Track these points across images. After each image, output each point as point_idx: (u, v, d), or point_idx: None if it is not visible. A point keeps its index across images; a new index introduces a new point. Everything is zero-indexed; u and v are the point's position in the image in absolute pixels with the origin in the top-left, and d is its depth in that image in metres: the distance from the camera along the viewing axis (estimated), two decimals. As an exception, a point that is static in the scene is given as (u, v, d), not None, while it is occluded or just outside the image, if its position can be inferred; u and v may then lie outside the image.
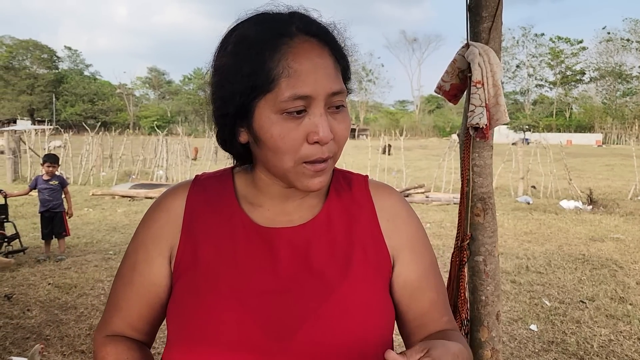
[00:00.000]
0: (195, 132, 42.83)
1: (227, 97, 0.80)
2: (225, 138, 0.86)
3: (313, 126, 0.77)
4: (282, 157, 0.79)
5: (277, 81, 0.75)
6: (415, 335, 0.92)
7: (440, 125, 79.54)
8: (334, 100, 0.79)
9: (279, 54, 0.76)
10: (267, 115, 0.77)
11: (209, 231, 0.87)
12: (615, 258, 6.47)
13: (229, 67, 0.79)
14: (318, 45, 0.79)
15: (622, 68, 77.33)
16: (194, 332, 0.80)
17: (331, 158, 0.81)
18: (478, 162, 1.94)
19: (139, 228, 0.93)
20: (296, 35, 0.78)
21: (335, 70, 0.80)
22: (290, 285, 0.82)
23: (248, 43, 0.78)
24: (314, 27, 0.80)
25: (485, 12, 1.86)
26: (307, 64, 0.76)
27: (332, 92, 0.78)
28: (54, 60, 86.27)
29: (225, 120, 0.83)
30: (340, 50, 0.83)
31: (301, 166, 0.79)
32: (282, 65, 0.75)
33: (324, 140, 0.77)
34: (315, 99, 0.77)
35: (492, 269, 1.97)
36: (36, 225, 8.25)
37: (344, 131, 0.81)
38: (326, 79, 0.77)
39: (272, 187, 0.87)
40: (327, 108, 0.79)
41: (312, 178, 0.81)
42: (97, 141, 17.75)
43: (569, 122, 75.27)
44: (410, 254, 0.91)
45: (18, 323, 4.12)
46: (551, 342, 3.88)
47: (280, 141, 0.77)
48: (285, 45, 0.77)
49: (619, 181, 16.52)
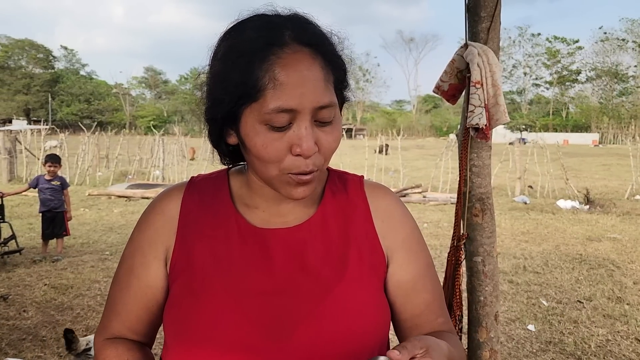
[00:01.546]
0: (192, 132, 42.79)
1: (217, 102, 0.80)
2: (214, 138, 0.87)
3: (297, 139, 0.76)
4: (266, 165, 0.79)
5: (263, 92, 0.75)
6: (409, 335, 0.92)
7: (437, 125, 79.63)
8: (322, 115, 0.77)
9: (267, 64, 0.75)
10: (252, 124, 0.77)
11: (204, 233, 0.87)
12: (613, 258, 6.49)
13: (219, 73, 0.79)
14: (310, 55, 0.77)
15: (618, 68, 77.59)
16: (191, 334, 0.80)
17: (318, 170, 0.81)
18: (477, 162, 1.93)
19: (135, 231, 0.93)
20: (287, 45, 0.76)
21: (325, 82, 0.78)
22: (286, 286, 0.82)
23: (238, 51, 0.77)
24: (307, 35, 0.78)
25: (483, 12, 1.85)
26: (295, 77, 0.75)
27: (319, 105, 0.76)
28: (50, 59, 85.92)
29: (215, 122, 0.83)
30: (335, 60, 0.81)
31: (286, 176, 0.79)
32: (269, 76, 0.74)
33: (306, 154, 0.76)
34: (301, 113, 0.75)
35: (491, 270, 1.96)
36: (32, 225, 8.23)
37: (331, 143, 0.80)
38: (313, 92, 0.76)
39: (266, 189, 0.87)
40: (313, 121, 0.77)
41: (296, 187, 0.80)
42: (94, 141, 17.72)
43: (565, 122, 75.50)
44: (405, 255, 0.91)
45: (14, 324, 4.09)
46: (549, 342, 3.88)
47: (263, 151, 0.77)
48: (274, 56, 0.75)
49: (615, 181, 16.57)
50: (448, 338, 0.88)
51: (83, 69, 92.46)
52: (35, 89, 79.15)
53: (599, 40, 78.76)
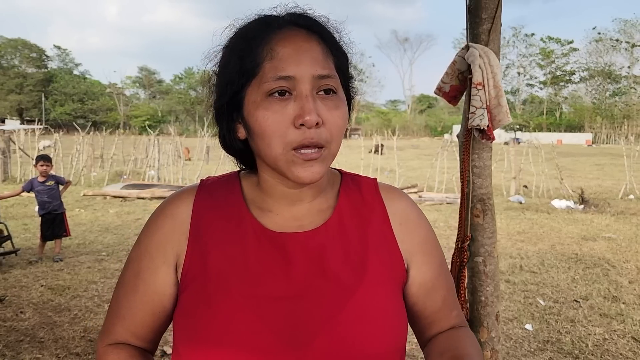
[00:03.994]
0: (187, 132, 42.66)
1: (222, 90, 0.82)
2: (225, 136, 0.87)
3: (298, 108, 0.76)
4: (270, 142, 0.77)
5: (261, 65, 0.77)
6: (428, 331, 0.95)
7: (432, 124, 79.73)
8: (323, 84, 0.78)
9: (265, 41, 0.78)
10: (253, 101, 0.78)
11: (217, 237, 0.85)
12: (608, 257, 6.52)
13: (223, 61, 0.83)
14: (306, 33, 0.80)
15: (611, 68, 77.97)
16: (206, 340, 0.78)
17: (325, 148, 0.78)
18: (477, 163, 1.95)
19: (142, 234, 0.90)
20: (285, 26, 0.80)
21: (323, 55, 0.79)
22: (306, 291, 0.80)
23: (240, 36, 0.82)
24: (302, 19, 0.82)
25: (484, 13, 1.86)
26: (292, 47, 0.78)
27: (318, 74, 0.77)
28: (43, 59, 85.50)
29: (222, 115, 0.84)
30: (332, 41, 0.83)
31: (290, 153, 0.77)
32: (267, 50, 0.77)
33: (309, 123, 0.75)
34: (299, 81, 0.76)
35: (492, 270, 1.98)
36: (27, 226, 8.19)
37: (337, 119, 0.79)
38: (311, 62, 0.77)
39: (278, 189, 0.86)
40: (314, 92, 0.78)
41: (303, 167, 0.78)
42: (88, 141, 17.62)
43: (559, 122, 75.82)
44: (422, 257, 0.91)
45: (11, 325, 4.07)
46: (546, 341, 3.90)
47: (264, 124, 0.77)
48: (272, 34, 0.79)
49: (609, 180, 16.66)
50: (466, 337, 0.90)
51: (76, 69, 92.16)
52: (28, 89, 78.72)
53: (592, 41, 79.19)
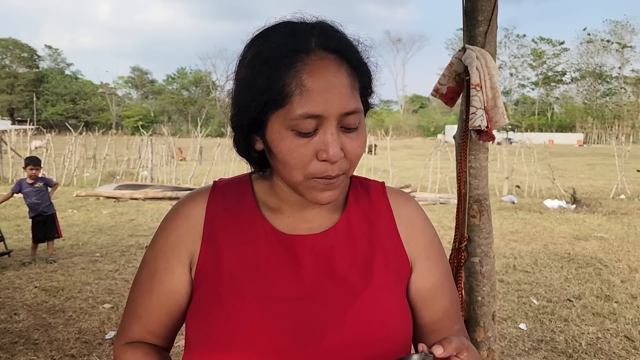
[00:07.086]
0: (180, 132, 42.53)
1: (243, 108, 0.80)
2: (241, 145, 0.87)
3: (323, 144, 0.77)
4: (291, 171, 0.79)
5: (289, 98, 0.75)
6: (425, 342, 0.93)
7: (425, 125, 79.96)
8: (348, 121, 0.78)
9: (294, 71, 0.75)
10: (277, 130, 0.77)
11: (230, 238, 0.87)
12: (600, 256, 6.58)
13: (245, 80, 0.80)
14: (336, 62, 0.77)
15: (602, 69, 78.59)
16: (217, 339, 0.80)
17: (344, 174, 0.81)
18: (474, 164, 1.96)
19: (157, 236, 0.92)
20: (313, 52, 0.77)
21: (351, 89, 0.78)
22: (315, 292, 0.83)
23: (264, 57, 0.77)
24: (333, 42, 0.79)
25: (481, 16, 1.88)
26: (321, 83, 0.75)
27: (345, 112, 0.77)
28: (35, 59, 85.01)
29: (242, 128, 0.84)
30: (361, 67, 0.81)
31: (311, 180, 0.79)
32: (296, 82, 0.75)
33: (333, 160, 0.77)
34: (327, 118, 0.76)
35: (488, 270, 1.99)
36: (19, 227, 8.13)
37: (357, 149, 0.80)
38: (339, 99, 0.76)
39: (291, 194, 0.87)
40: (339, 127, 0.78)
41: (322, 192, 0.81)
42: (80, 141, 17.52)
43: (551, 122, 76.32)
44: (426, 262, 0.92)
45: (5, 327, 4.05)
46: (540, 340, 3.93)
47: (288, 156, 0.78)
48: (301, 63, 0.75)
49: (600, 180, 16.79)
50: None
51: (68, 69, 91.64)
52: (20, 89, 78.25)
53: (583, 42, 79.78)
